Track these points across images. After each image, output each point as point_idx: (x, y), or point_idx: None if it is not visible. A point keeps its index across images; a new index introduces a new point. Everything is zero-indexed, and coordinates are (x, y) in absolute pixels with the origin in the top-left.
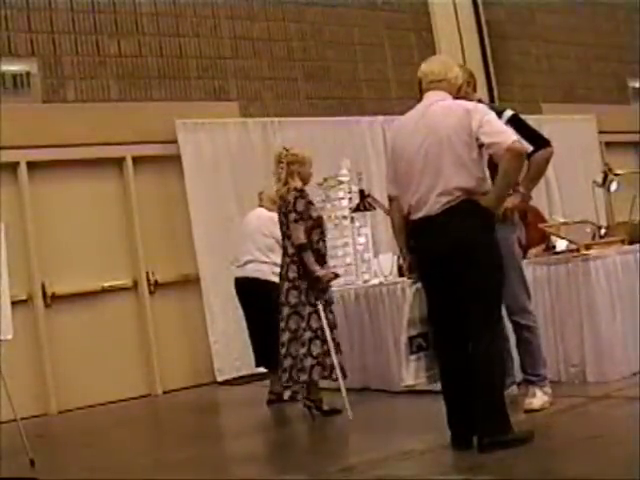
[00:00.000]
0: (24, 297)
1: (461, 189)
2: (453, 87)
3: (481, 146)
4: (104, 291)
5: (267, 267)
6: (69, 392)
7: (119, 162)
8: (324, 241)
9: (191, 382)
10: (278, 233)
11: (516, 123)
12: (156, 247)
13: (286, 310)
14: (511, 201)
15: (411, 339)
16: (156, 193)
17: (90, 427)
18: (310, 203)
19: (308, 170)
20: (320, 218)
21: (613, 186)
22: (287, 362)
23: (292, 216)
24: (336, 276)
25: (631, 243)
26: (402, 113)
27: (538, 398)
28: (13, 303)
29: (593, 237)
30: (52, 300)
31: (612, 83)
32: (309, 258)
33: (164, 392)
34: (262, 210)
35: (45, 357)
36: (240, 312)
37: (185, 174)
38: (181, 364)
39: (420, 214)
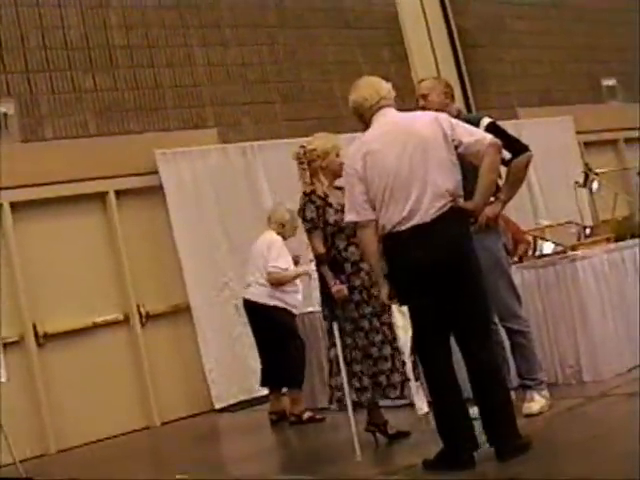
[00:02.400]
0: (16, 338)
1: (449, 192)
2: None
3: (456, 148)
4: (96, 327)
5: (264, 290)
6: (67, 431)
7: (102, 197)
8: (355, 245)
9: (189, 411)
10: (268, 256)
11: (494, 130)
12: (145, 279)
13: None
14: (492, 210)
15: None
16: (141, 225)
17: (91, 464)
18: (325, 206)
19: (334, 160)
20: (340, 221)
21: (594, 185)
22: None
23: (304, 226)
24: (352, 291)
25: (617, 240)
26: None
27: (536, 402)
28: (5, 345)
29: (579, 237)
30: (44, 339)
31: (586, 83)
32: (326, 271)
33: (163, 423)
34: (270, 233)
35: (41, 397)
36: (233, 337)
37: (168, 204)
38: (178, 394)
39: (411, 223)
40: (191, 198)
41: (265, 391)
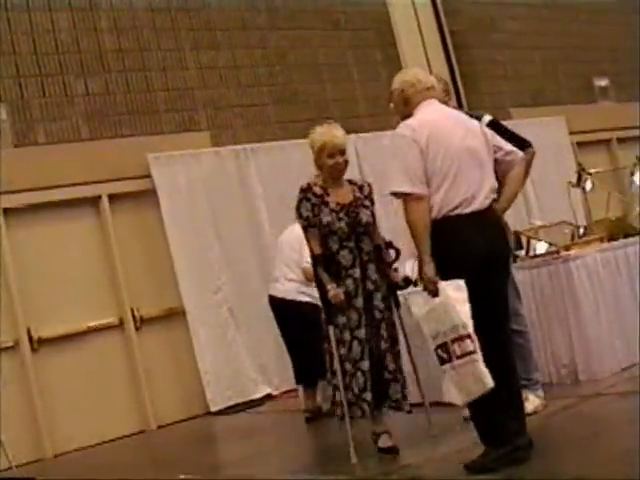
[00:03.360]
0: (11, 343)
1: (493, 189)
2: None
3: (494, 152)
4: (90, 331)
5: (294, 286)
6: (63, 435)
7: (95, 201)
8: (348, 249)
9: (185, 415)
10: (302, 252)
11: (496, 127)
12: (139, 283)
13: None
14: None
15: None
16: (134, 229)
17: (88, 469)
18: (321, 204)
19: (325, 161)
20: (332, 224)
21: (588, 185)
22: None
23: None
24: (348, 297)
25: (610, 240)
26: (372, 130)
27: (531, 402)
28: (0, 350)
29: (572, 237)
30: (39, 344)
31: (579, 83)
32: (322, 274)
33: (159, 427)
34: (299, 226)
35: (36, 402)
36: (228, 340)
37: (162, 207)
38: (173, 398)
39: (471, 208)
40: (184, 201)
41: (259, 393)
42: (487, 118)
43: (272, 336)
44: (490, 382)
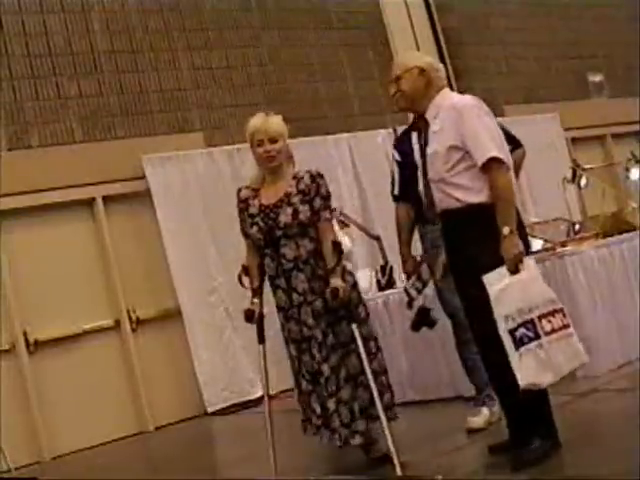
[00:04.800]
0: (7, 346)
1: None
2: None
3: None
4: (86, 333)
5: None
6: (61, 438)
7: (89, 203)
8: (269, 256)
9: (182, 415)
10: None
11: None
12: (134, 284)
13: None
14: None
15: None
16: (129, 230)
17: (85, 471)
18: (244, 210)
19: (255, 150)
20: (255, 234)
21: (583, 181)
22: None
23: None
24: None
25: (605, 236)
26: (366, 129)
27: (482, 416)
28: None
29: (567, 234)
30: (35, 347)
31: (572, 79)
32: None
33: (156, 428)
34: None
35: (33, 404)
36: (224, 341)
37: (156, 208)
38: (170, 398)
39: None
40: (179, 202)
41: (256, 394)
42: None
43: (268, 336)
44: (586, 357)
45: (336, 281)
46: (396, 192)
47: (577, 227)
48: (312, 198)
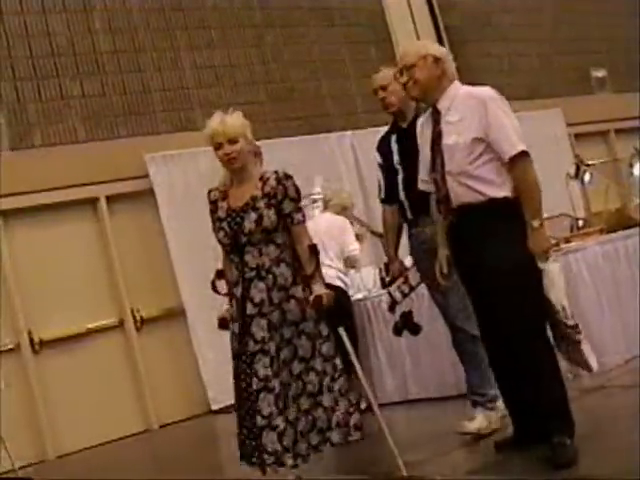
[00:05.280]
0: (11, 346)
1: None
2: None
3: None
4: (91, 332)
5: (332, 271)
6: (65, 436)
7: (93, 202)
8: (234, 264)
9: (186, 414)
10: (346, 240)
11: None
12: (138, 283)
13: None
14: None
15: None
16: (133, 229)
17: (90, 469)
18: (213, 212)
19: (216, 153)
20: (222, 239)
21: (586, 177)
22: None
23: None
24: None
25: (610, 232)
26: (369, 126)
27: (477, 421)
28: (1, 352)
29: (571, 230)
30: (40, 346)
31: (575, 75)
32: (223, 289)
33: (160, 427)
34: (331, 215)
35: (38, 403)
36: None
37: (160, 207)
38: (175, 397)
39: None
40: (182, 201)
41: None
42: None
43: None
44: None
45: (319, 288)
46: (382, 195)
47: (581, 223)
48: (280, 201)
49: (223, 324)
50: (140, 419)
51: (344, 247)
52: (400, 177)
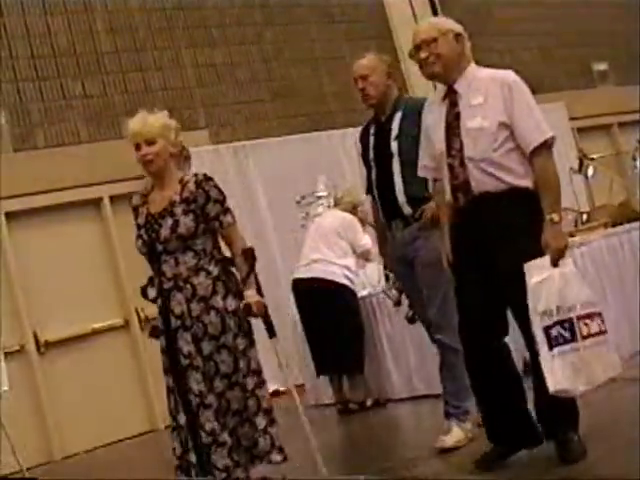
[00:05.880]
0: (17, 347)
1: None
2: None
3: None
4: (96, 332)
5: (338, 269)
6: (72, 437)
7: (96, 202)
8: (155, 275)
9: None
10: (356, 236)
11: None
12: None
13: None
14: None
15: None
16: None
17: (97, 470)
18: (136, 218)
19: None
20: (141, 248)
21: (590, 171)
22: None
23: None
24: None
25: (614, 225)
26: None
27: (454, 434)
28: (7, 354)
29: (576, 224)
30: (45, 347)
31: (577, 68)
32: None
33: (166, 427)
34: (339, 212)
35: (44, 404)
36: None
37: None
38: None
39: None
40: None
41: None
42: None
43: (278, 331)
44: (620, 368)
45: (251, 295)
46: (365, 187)
47: (585, 217)
48: (202, 206)
49: (153, 333)
50: (146, 419)
51: (354, 243)
52: (374, 174)
